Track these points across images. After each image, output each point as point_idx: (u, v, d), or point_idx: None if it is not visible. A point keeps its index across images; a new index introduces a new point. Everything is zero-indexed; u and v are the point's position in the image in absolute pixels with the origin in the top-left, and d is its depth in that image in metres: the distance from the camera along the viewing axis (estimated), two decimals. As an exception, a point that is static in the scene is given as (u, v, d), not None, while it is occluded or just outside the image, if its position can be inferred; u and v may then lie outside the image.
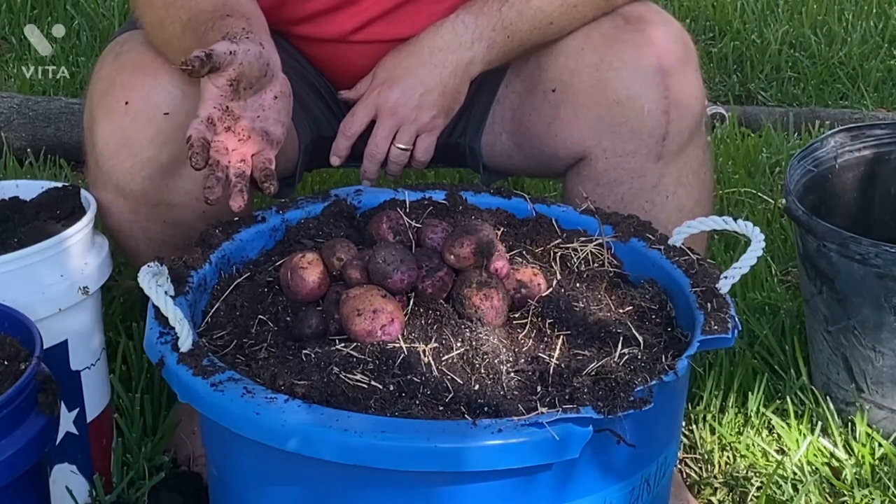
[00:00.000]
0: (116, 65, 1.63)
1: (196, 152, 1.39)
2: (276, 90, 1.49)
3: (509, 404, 1.25)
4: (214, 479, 1.43)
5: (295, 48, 1.80)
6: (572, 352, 1.33)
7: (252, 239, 1.55)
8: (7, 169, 2.63)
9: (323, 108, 1.83)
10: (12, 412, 1.35)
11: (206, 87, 1.45)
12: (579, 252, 1.52)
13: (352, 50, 1.77)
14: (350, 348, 1.30)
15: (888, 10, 3.70)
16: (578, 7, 1.68)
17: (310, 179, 2.56)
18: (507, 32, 1.68)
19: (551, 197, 1.90)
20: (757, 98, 3.30)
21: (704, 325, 1.35)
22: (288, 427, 1.20)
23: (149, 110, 1.59)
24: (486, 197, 1.64)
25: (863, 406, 1.89)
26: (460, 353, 1.31)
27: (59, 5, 3.68)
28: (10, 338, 1.46)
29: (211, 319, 1.42)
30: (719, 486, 1.80)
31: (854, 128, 2.09)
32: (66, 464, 1.65)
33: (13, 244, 1.61)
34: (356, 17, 1.74)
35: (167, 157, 1.61)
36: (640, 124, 1.67)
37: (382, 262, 1.39)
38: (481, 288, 1.38)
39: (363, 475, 1.21)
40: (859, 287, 1.82)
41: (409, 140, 1.72)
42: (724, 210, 2.51)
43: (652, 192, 1.72)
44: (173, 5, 1.57)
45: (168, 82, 1.59)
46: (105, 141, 1.61)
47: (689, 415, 1.90)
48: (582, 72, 1.69)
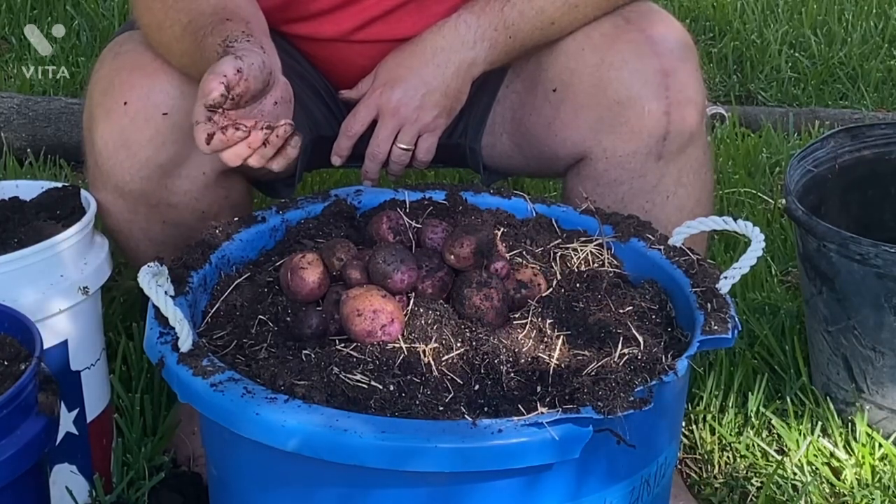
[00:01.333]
0: (115, 65, 1.63)
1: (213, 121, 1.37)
2: (277, 96, 1.47)
3: (509, 404, 1.25)
4: (214, 479, 1.43)
5: (294, 48, 1.80)
6: (572, 352, 1.33)
7: (252, 239, 1.55)
8: (7, 169, 2.63)
9: (322, 108, 1.83)
10: (12, 412, 1.35)
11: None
12: (579, 252, 1.52)
13: (352, 50, 1.77)
14: (350, 348, 1.30)
15: (888, 10, 3.70)
16: (580, 7, 1.68)
17: (310, 179, 2.56)
18: (508, 32, 1.68)
19: (551, 197, 1.90)
20: (757, 98, 3.30)
21: (704, 326, 1.35)
22: (288, 427, 1.20)
23: (147, 110, 1.59)
24: (486, 197, 1.64)
25: (863, 406, 1.89)
26: (460, 353, 1.31)
27: (59, 5, 3.68)
28: (10, 338, 1.46)
29: (211, 319, 1.42)
30: (719, 487, 1.80)
31: (854, 128, 2.09)
32: (66, 464, 1.65)
33: (13, 244, 1.61)
34: (357, 17, 1.74)
35: (166, 157, 1.61)
36: (640, 124, 1.67)
37: (382, 263, 1.39)
38: (481, 288, 1.38)
39: (363, 475, 1.21)
40: (859, 287, 1.82)
41: (410, 140, 1.72)
42: (724, 210, 2.51)
43: (652, 193, 1.71)
44: (172, 8, 1.57)
45: (167, 82, 1.59)
46: (104, 141, 1.61)
47: (689, 415, 1.90)
48: (582, 72, 1.69)
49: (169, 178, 1.63)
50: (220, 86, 1.37)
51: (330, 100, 1.83)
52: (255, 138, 1.40)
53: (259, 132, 1.39)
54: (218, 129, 1.38)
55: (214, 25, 1.50)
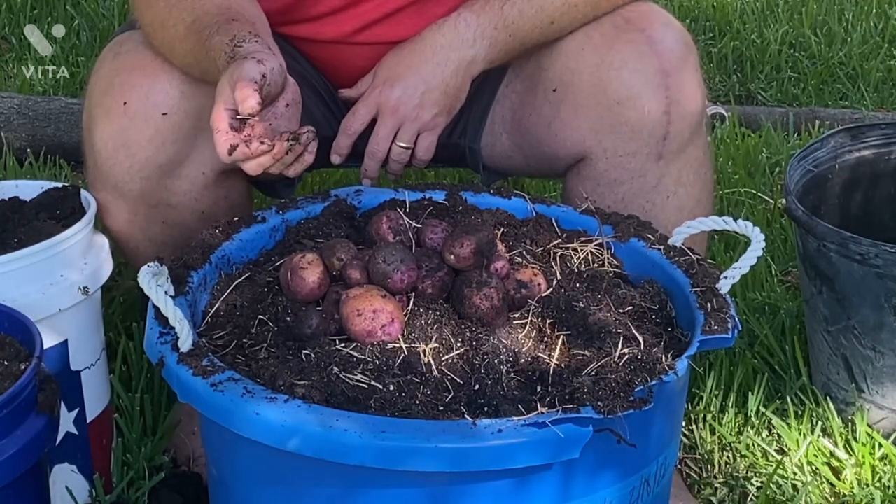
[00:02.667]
0: (115, 65, 1.63)
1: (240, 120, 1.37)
2: (288, 97, 1.48)
3: (509, 404, 1.25)
4: (214, 479, 1.43)
5: (294, 48, 1.80)
6: (572, 352, 1.33)
7: (252, 239, 1.55)
8: (7, 169, 2.63)
9: (322, 108, 1.83)
10: (12, 412, 1.35)
11: (225, 91, 1.40)
12: (579, 252, 1.52)
13: (353, 51, 1.77)
14: (350, 348, 1.30)
15: (888, 10, 3.70)
16: (579, 6, 1.68)
17: (310, 179, 2.56)
18: (508, 31, 1.68)
19: (551, 197, 1.90)
20: (757, 98, 3.30)
21: (704, 325, 1.35)
22: (288, 427, 1.20)
23: (147, 110, 1.58)
24: (486, 197, 1.64)
25: (863, 406, 1.89)
26: (460, 353, 1.31)
27: (59, 5, 3.68)
28: (10, 338, 1.46)
29: (211, 319, 1.42)
30: (719, 486, 1.80)
31: (854, 128, 2.09)
32: (66, 464, 1.65)
33: (13, 244, 1.61)
34: (357, 20, 1.74)
35: (165, 157, 1.61)
36: (640, 124, 1.67)
37: (382, 262, 1.39)
38: (481, 288, 1.38)
39: (363, 475, 1.21)
40: (859, 287, 1.82)
41: (410, 138, 1.71)
42: (724, 210, 2.51)
43: (652, 192, 1.71)
44: (177, 7, 1.56)
45: (167, 82, 1.59)
46: (104, 141, 1.61)
47: (689, 415, 1.90)
48: (583, 71, 1.69)
49: (168, 178, 1.63)
50: (255, 94, 1.36)
51: (329, 100, 1.83)
52: (280, 149, 1.40)
53: (283, 143, 1.40)
54: (241, 141, 1.38)
55: (220, 25, 1.50)
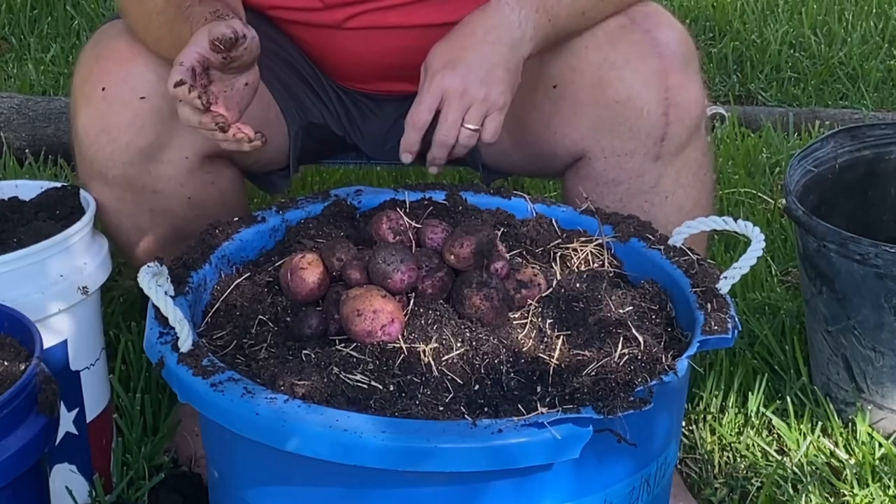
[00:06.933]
0: (94, 53, 1.66)
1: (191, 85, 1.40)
2: (249, 78, 1.48)
3: (509, 404, 1.25)
4: (214, 479, 1.43)
5: (283, 34, 1.80)
6: (572, 352, 1.33)
7: (252, 239, 1.55)
8: (7, 169, 2.63)
9: (310, 94, 1.82)
10: (12, 412, 1.35)
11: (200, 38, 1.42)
12: (579, 252, 1.52)
13: (345, 37, 1.76)
14: (350, 348, 1.30)
15: (888, 10, 3.70)
16: (606, 1, 1.67)
17: (310, 179, 2.56)
18: (548, 16, 1.64)
19: (551, 197, 1.90)
20: (757, 98, 3.30)
21: (704, 325, 1.35)
22: (288, 427, 1.20)
23: (125, 95, 1.60)
24: (486, 197, 1.64)
25: (863, 406, 1.89)
26: (460, 353, 1.31)
27: (59, 5, 3.68)
28: (10, 338, 1.46)
29: (211, 319, 1.42)
30: (719, 486, 1.80)
31: (854, 128, 2.09)
32: (65, 464, 1.65)
33: (13, 244, 1.61)
34: (350, 5, 1.73)
35: (146, 141, 1.62)
36: (638, 124, 1.67)
37: (382, 263, 1.39)
38: (481, 288, 1.38)
39: (363, 475, 1.21)
40: (859, 287, 1.82)
41: (479, 120, 1.62)
42: (724, 210, 2.51)
43: (650, 193, 1.71)
44: None
45: (143, 66, 1.60)
46: (85, 128, 1.63)
47: (689, 415, 1.90)
48: (584, 70, 1.69)
49: (151, 163, 1.64)
50: (229, 30, 1.39)
51: (317, 85, 1.83)
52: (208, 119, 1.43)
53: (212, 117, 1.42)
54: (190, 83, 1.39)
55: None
